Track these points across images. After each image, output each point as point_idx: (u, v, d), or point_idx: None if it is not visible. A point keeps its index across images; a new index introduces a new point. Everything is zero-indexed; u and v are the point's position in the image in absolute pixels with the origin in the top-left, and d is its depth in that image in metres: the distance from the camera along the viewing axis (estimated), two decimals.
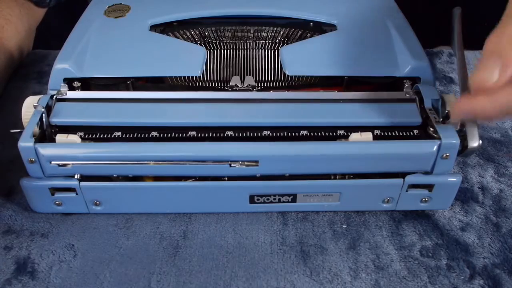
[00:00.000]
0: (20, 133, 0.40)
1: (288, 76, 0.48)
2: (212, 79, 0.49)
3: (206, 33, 0.53)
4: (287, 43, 0.51)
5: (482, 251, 0.43)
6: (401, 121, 0.43)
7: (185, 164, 0.41)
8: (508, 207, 0.47)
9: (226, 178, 0.43)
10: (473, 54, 0.68)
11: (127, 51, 0.48)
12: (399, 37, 0.49)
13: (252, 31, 0.53)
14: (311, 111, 0.44)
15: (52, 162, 0.40)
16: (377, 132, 0.43)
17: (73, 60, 0.46)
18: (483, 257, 0.43)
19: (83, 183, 0.42)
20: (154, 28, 0.53)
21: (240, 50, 0.51)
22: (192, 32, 0.53)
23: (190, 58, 0.47)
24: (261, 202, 0.44)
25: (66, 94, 0.45)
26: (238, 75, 0.49)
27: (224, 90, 0.48)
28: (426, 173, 0.42)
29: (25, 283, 0.40)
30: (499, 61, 0.34)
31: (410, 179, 0.43)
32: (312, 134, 0.43)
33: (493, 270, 0.42)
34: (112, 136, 0.42)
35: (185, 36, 0.52)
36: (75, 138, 0.41)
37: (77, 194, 0.43)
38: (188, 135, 0.42)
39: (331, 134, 0.43)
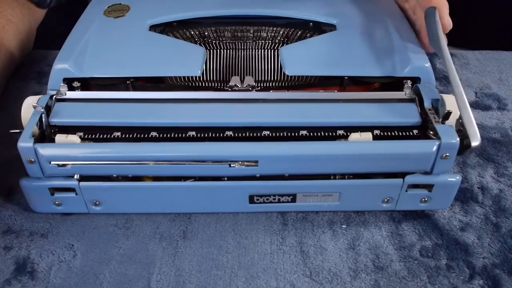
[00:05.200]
0: (20, 133, 0.40)
1: (288, 76, 0.48)
2: (211, 79, 0.49)
3: (206, 33, 0.53)
4: (287, 43, 0.51)
5: (481, 251, 0.43)
6: (401, 121, 0.43)
7: (185, 164, 0.41)
8: (508, 207, 0.47)
9: (225, 178, 0.43)
10: (473, 54, 0.68)
11: (126, 51, 0.48)
12: (399, 37, 0.49)
13: (251, 31, 0.53)
14: (311, 111, 0.44)
15: (52, 162, 0.40)
16: (377, 132, 0.43)
17: (73, 60, 0.46)
18: (482, 257, 0.43)
19: (82, 183, 0.42)
20: (154, 28, 0.53)
21: (239, 50, 0.51)
22: (192, 32, 0.53)
23: (190, 58, 0.47)
24: (260, 202, 0.44)
25: (65, 94, 0.45)
26: (238, 75, 0.49)
27: (223, 90, 0.47)
28: (426, 173, 0.42)
29: (25, 283, 0.40)
30: None
31: (409, 179, 0.43)
32: (312, 134, 0.43)
33: (492, 270, 0.42)
34: (112, 136, 0.42)
35: (185, 36, 0.52)
36: (74, 138, 0.41)
37: (76, 194, 0.43)
38: (187, 135, 0.42)
39: (330, 134, 0.43)
